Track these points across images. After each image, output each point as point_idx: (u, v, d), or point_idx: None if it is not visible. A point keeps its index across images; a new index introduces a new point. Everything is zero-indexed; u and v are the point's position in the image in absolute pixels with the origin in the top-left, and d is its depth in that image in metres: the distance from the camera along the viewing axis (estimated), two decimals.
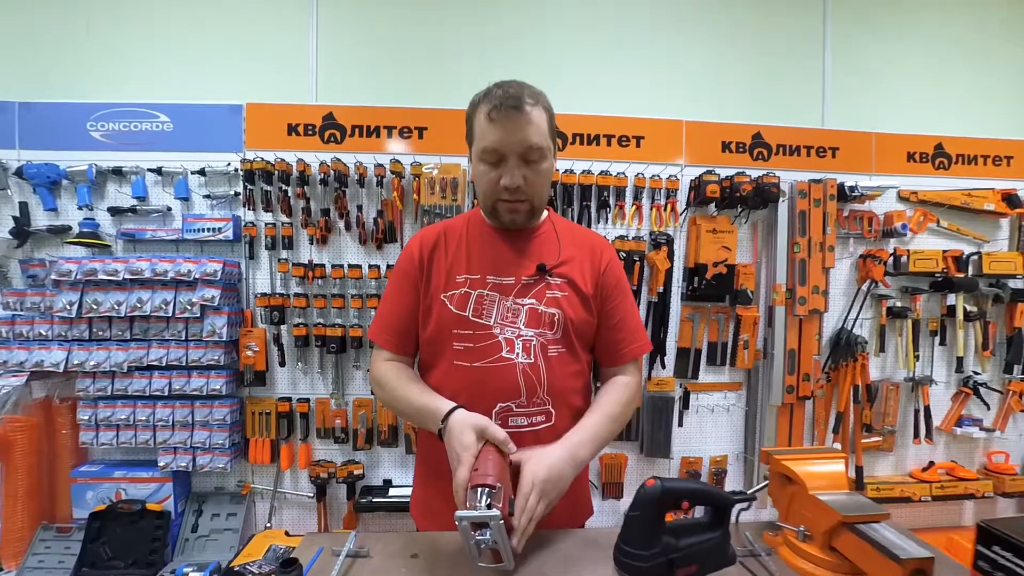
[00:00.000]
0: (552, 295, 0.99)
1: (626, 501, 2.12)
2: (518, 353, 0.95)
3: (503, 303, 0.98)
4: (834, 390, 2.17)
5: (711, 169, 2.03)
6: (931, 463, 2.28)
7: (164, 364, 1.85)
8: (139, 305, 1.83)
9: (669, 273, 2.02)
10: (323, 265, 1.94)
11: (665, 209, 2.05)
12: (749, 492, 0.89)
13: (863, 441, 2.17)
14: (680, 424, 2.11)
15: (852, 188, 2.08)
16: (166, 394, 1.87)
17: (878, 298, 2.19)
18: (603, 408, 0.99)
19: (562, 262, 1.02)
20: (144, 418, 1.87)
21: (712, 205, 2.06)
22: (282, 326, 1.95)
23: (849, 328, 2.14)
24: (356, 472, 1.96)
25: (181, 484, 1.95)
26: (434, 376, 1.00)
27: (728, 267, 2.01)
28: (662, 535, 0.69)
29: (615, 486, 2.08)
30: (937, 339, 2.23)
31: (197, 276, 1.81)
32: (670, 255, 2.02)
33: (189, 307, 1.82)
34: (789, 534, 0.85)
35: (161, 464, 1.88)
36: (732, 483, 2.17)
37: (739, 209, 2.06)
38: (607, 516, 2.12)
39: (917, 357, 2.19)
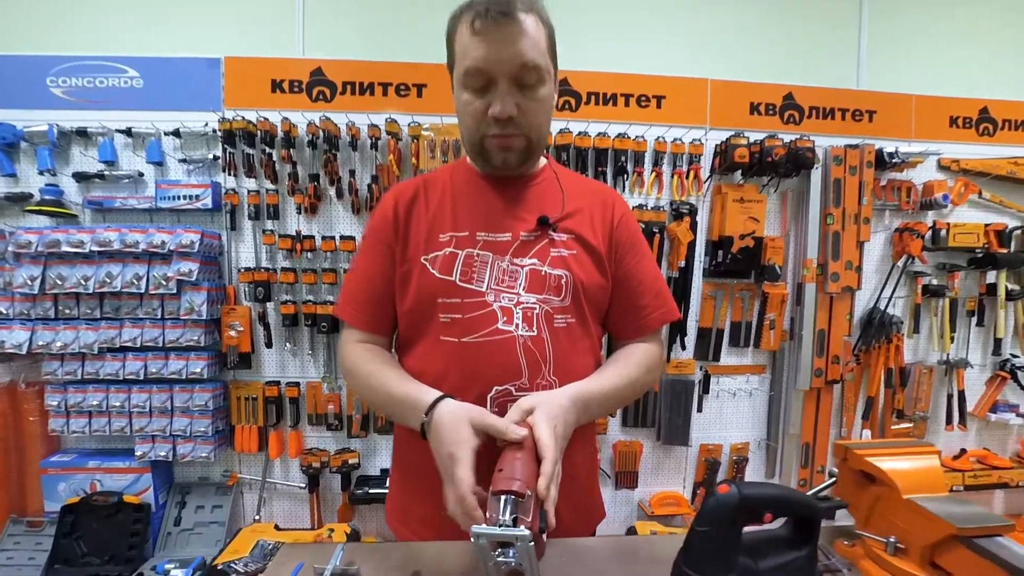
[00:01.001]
0: (557, 253, 0.82)
1: (641, 491, 1.99)
2: (518, 324, 0.78)
3: (498, 264, 0.80)
4: (864, 374, 2.03)
5: (740, 132, 1.84)
6: (963, 451, 2.15)
7: (139, 345, 1.69)
8: (108, 280, 1.65)
9: (691, 247, 1.85)
10: (312, 237, 1.76)
11: (688, 176, 1.87)
12: (818, 493, 0.74)
13: (893, 428, 2.03)
14: (699, 410, 1.96)
15: (892, 154, 1.90)
16: (142, 378, 1.71)
17: (913, 275, 2.03)
18: (619, 367, 0.83)
19: (568, 214, 0.85)
20: (118, 404, 1.71)
21: (739, 172, 1.88)
22: (268, 303, 1.78)
23: (882, 308, 1.99)
24: (351, 461, 1.81)
25: (161, 474, 1.80)
26: (414, 356, 0.83)
27: (755, 240, 1.84)
28: (738, 556, 0.53)
29: (629, 475, 1.94)
30: (975, 319, 2.08)
31: (172, 248, 1.63)
32: (693, 227, 1.85)
33: (164, 282, 1.65)
34: (874, 545, 0.69)
35: (138, 453, 1.73)
36: (753, 472, 2.03)
37: (768, 177, 1.88)
38: (620, 506, 1.98)
39: (952, 339, 2.04)
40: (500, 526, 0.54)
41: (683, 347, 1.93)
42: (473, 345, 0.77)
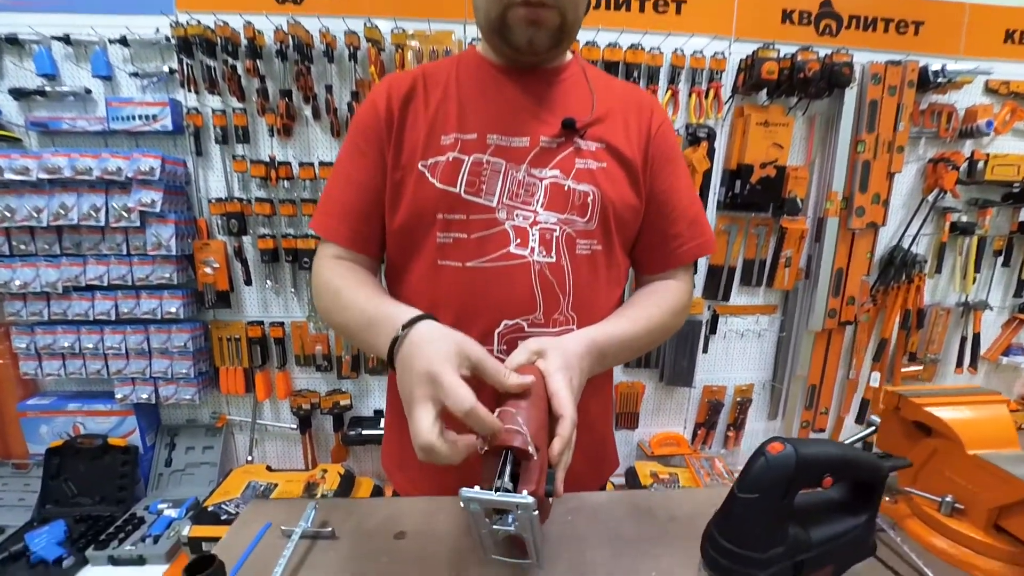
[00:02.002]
0: (584, 165, 0.68)
1: (641, 431, 1.95)
2: (533, 248, 0.66)
3: (512, 175, 0.67)
4: (879, 315, 1.94)
5: (769, 44, 1.62)
6: None
7: (106, 284, 1.56)
8: (63, 212, 1.49)
9: (707, 176, 1.69)
10: (288, 163, 1.59)
11: (707, 96, 1.66)
12: (854, 443, 0.64)
13: (903, 371, 1.97)
14: (705, 351, 1.89)
15: (937, 73, 1.69)
16: (113, 318, 1.59)
17: (942, 211, 1.88)
18: (644, 308, 0.71)
19: (597, 119, 0.70)
20: (91, 346, 1.61)
21: (764, 92, 1.68)
22: (244, 238, 1.64)
23: (906, 246, 1.86)
24: (343, 403, 1.75)
25: (146, 417, 1.74)
26: (406, 285, 0.71)
27: (777, 169, 1.67)
28: (788, 527, 0.44)
29: (630, 416, 1.90)
30: (1000, 259, 1.96)
31: (130, 175, 1.46)
32: (710, 153, 1.67)
33: (125, 214, 1.49)
34: (924, 504, 0.61)
35: (119, 396, 1.65)
36: (756, 414, 2.00)
37: (797, 98, 1.68)
38: (620, 447, 1.94)
39: (974, 279, 1.93)
40: (497, 490, 0.44)
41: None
42: (479, 271, 0.65)
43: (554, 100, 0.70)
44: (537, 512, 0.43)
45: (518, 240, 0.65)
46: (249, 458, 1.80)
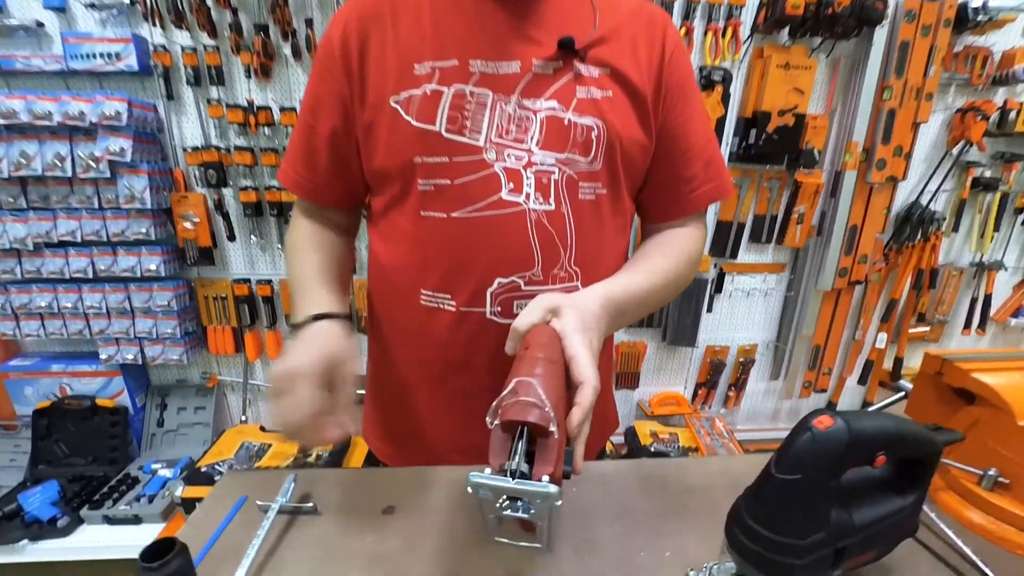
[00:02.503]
0: (587, 95, 0.59)
1: (641, 391, 1.93)
2: (529, 194, 0.57)
3: (501, 107, 0.57)
4: (890, 274, 1.87)
5: None
6: None
7: (79, 239, 1.47)
8: (25, 162, 1.38)
9: (720, 124, 1.57)
10: (268, 108, 1.46)
11: (724, 34, 1.52)
12: (880, 409, 0.59)
13: (910, 332, 1.93)
14: (709, 310, 1.83)
15: (978, 10, 1.54)
16: (90, 276, 1.51)
17: (966, 166, 1.78)
18: (657, 260, 0.64)
19: (601, 38, 0.60)
20: (70, 305, 1.53)
21: (786, 30, 1.53)
22: (225, 190, 1.53)
23: (924, 203, 1.77)
24: None
25: (135, 378, 1.69)
26: (391, 237, 0.65)
27: (796, 117, 1.56)
28: (831, 510, 0.38)
29: (631, 376, 1.87)
30: (1021, 217, 1.87)
31: (94, 120, 1.34)
32: (724, 99, 1.55)
33: (93, 164, 1.38)
34: (962, 477, 0.56)
35: (103, 357, 1.59)
36: (758, 374, 1.96)
37: (821, 38, 1.54)
38: (619, 406, 1.91)
39: (992, 239, 1.86)
40: (512, 474, 0.37)
41: None
42: (467, 222, 0.58)
43: (548, 16, 0.59)
44: (560, 502, 0.37)
45: (511, 185, 0.57)
46: (243, 418, 1.77)
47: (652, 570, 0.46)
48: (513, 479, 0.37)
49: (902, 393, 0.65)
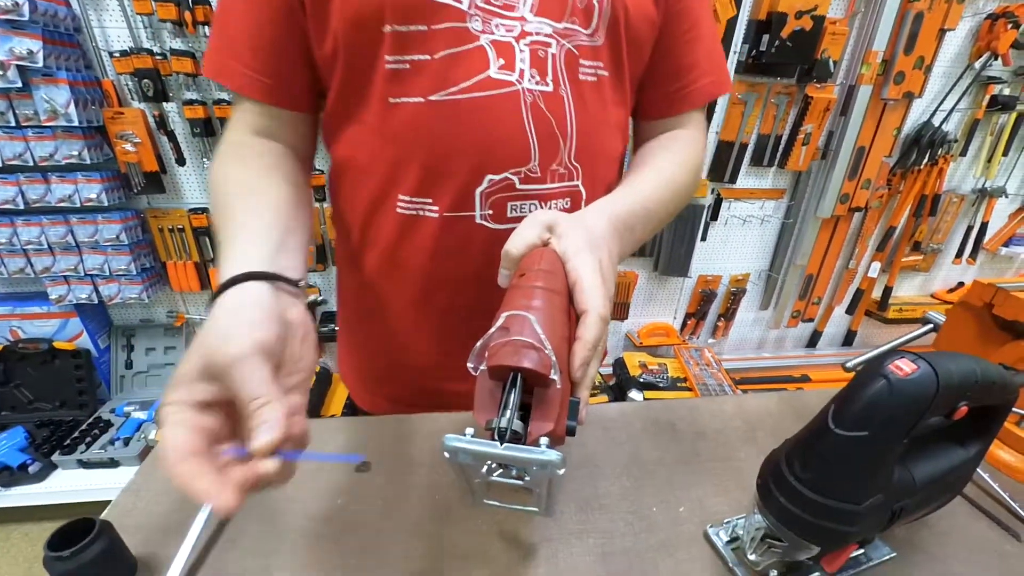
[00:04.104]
0: None
1: (631, 322, 1.89)
2: (523, 71, 0.46)
3: None
4: (890, 201, 1.80)
5: None
6: (960, 283, 2.09)
7: (0, 164, 1.28)
8: None
9: (730, 28, 1.40)
10: (207, 1, 1.23)
11: None
12: (897, 347, 0.53)
13: (903, 260, 1.89)
14: (704, 238, 1.75)
15: None
16: (22, 208, 1.34)
17: (984, 83, 1.65)
18: (661, 168, 0.54)
19: None
20: (4, 240, 1.37)
21: None
22: (166, 105, 1.33)
23: (936, 124, 1.66)
24: (311, 297, 1.61)
25: (93, 318, 1.58)
26: (349, 138, 0.51)
27: (815, 20, 1.39)
28: (894, 469, 0.31)
29: (620, 306, 1.82)
30: None
31: None
32: None
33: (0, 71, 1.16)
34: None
35: (53, 297, 1.46)
36: (748, 304, 1.94)
37: None
38: (608, 337, 1.91)
39: (1000, 163, 1.78)
40: (501, 435, 0.29)
41: None
42: (449, 107, 0.46)
43: None
44: (564, 470, 0.29)
45: (501, 61, 0.45)
46: None
47: (667, 528, 0.41)
48: (502, 442, 0.29)
49: (930, 326, 0.58)
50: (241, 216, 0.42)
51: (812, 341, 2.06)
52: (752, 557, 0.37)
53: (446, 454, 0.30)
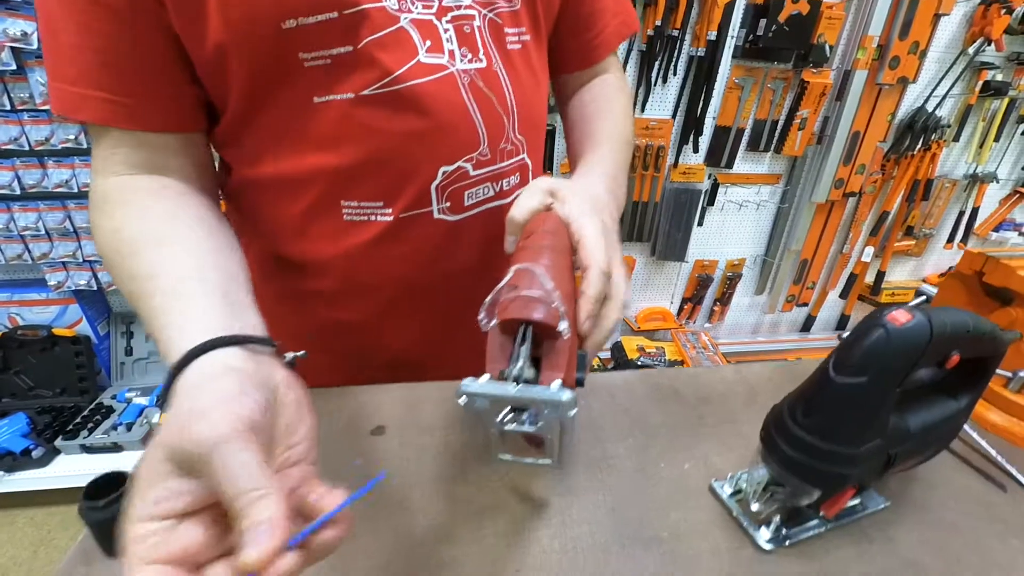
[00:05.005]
0: None
1: (630, 306, 1.91)
2: (452, 51, 0.44)
3: None
4: (884, 186, 1.82)
5: None
6: (951, 268, 2.12)
7: None
8: None
9: (727, 12, 1.40)
10: None
11: None
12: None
13: (896, 245, 1.92)
14: (700, 223, 1.77)
15: None
16: (18, 193, 1.33)
17: (977, 69, 1.67)
18: (610, 120, 0.56)
19: None
20: (1, 226, 1.37)
21: None
22: None
23: (930, 109, 1.68)
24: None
25: (93, 305, 1.57)
26: (265, 145, 0.45)
27: (812, 4, 1.40)
28: (890, 416, 0.33)
29: None
30: (1022, 127, 1.81)
31: None
32: None
33: None
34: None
35: (52, 283, 1.46)
36: (744, 288, 1.96)
37: None
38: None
39: (991, 148, 1.80)
40: (516, 381, 0.31)
41: (695, 150, 1.63)
42: (386, 100, 0.42)
43: None
44: (576, 411, 0.31)
45: (428, 42, 0.42)
46: None
47: (673, 483, 0.43)
48: (516, 385, 0.30)
49: (923, 297, 0.60)
50: (165, 279, 0.33)
51: (806, 325, 2.09)
52: (755, 507, 0.39)
53: (462, 400, 0.31)
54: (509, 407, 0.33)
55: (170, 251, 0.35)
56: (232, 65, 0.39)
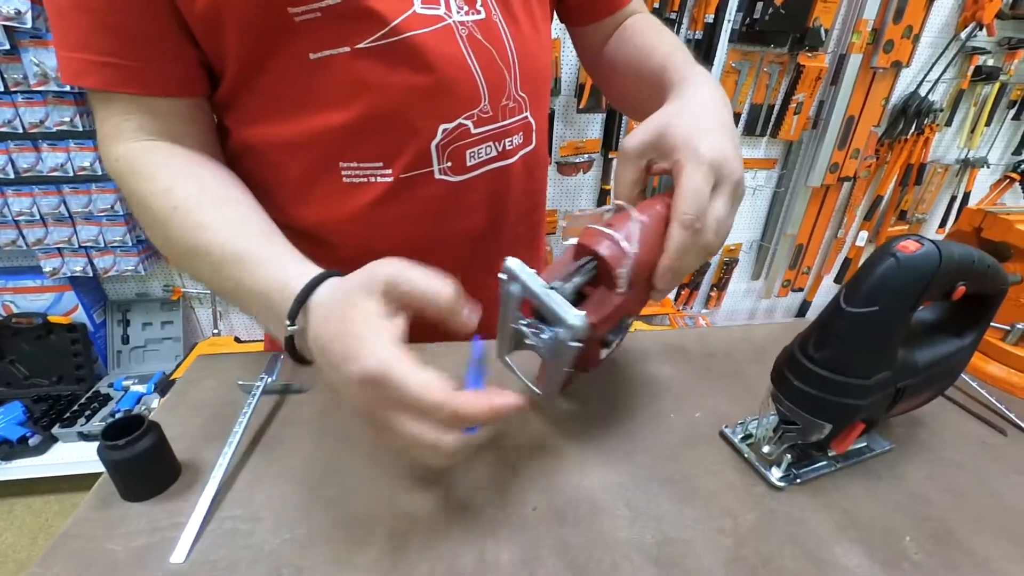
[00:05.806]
0: None
1: None
2: (447, 2, 0.42)
3: None
4: (878, 171, 1.84)
5: None
6: None
7: None
8: None
9: None
10: None
11: None
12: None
13: (890, 229, 1.95)
14: None
15: None
16: (11, 177, 1.31)
17: (969, 54, 1.69)
18: (676, 49, 0.49)
19: None
20: None
21: None
22: None
23: (923, 94, 1.70)
24: None
25: (89, 292, 1.56)
26: (262, 108, 0.45)
27: None
28: (899, 347, 0.34)
29: None
30: (1013, 111, 1.84)
31: None
32: None
33: None
34: (987, 334, 0.54)
35: (47, 270, 1.45)
36: (740, 274, 1.98)
37: None
38: None
39: (983, 133, 1.83)
40: (557, 287, 0.33)
41: None
42: (383, 54, 0.40)
43: None
44: (581, 344, 0.31)
45: None
46: (216, 331, 1.69)
47: (683, 431, 0.44)
48: (548, 288, 0.32)
49: None
50: (251, 226, 0.39)
51: (802, 311, 2.11)
52: (767, 448, 0.39)
53: (503, 275, 0.34)
54: (535, 313, 0.34)
55: (235, 209, 0.40)
56: (225, 23, 0.39)
